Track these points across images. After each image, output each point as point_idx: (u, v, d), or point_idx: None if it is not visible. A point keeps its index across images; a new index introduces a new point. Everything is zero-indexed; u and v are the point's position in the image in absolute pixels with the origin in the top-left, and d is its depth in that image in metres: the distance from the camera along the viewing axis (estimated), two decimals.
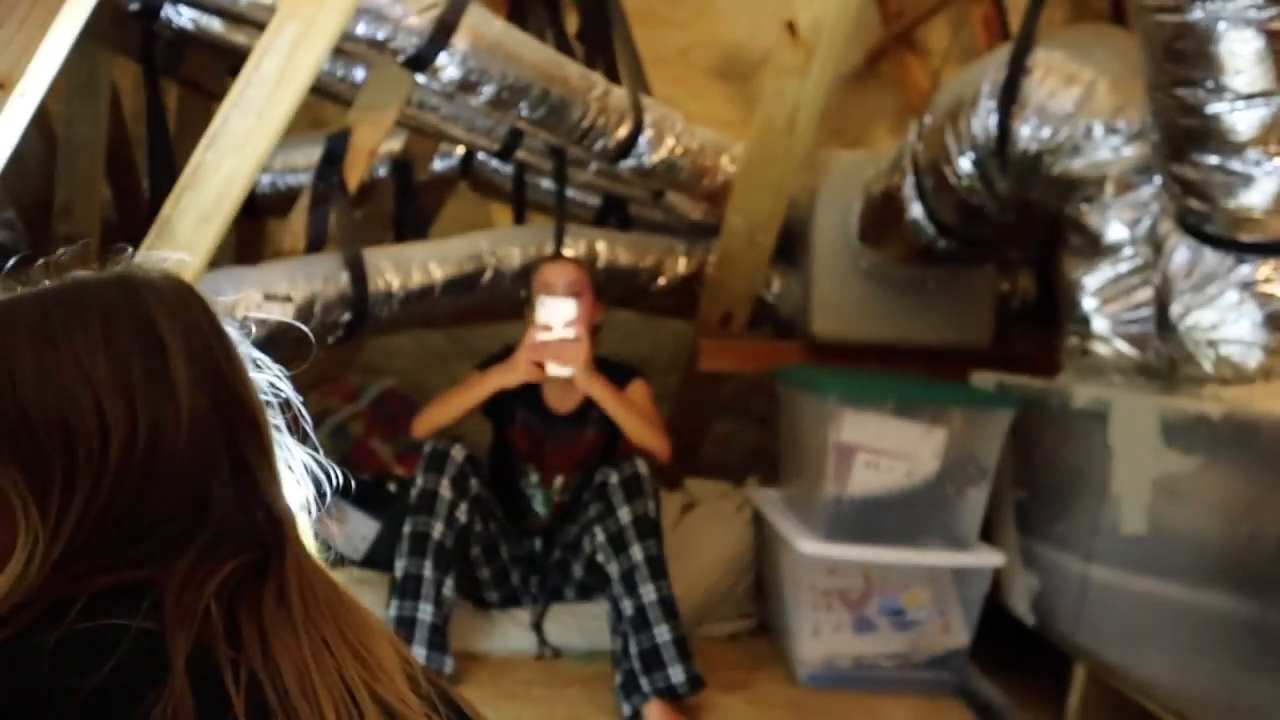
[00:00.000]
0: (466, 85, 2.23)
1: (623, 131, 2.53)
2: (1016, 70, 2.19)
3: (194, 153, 1.76)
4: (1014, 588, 2.18)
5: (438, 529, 2.03)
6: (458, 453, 2.08)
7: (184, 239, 1.75)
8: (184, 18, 2.31)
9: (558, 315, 2.05)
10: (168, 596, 0.60)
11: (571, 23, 2.93)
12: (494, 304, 2.63)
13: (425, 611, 1.98)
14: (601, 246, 2.75)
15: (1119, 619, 1.92)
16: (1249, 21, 1.60)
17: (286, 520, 0.69)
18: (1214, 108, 1.71)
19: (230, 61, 2.66)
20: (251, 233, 3.00)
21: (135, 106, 2.80)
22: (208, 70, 2.68)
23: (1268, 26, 1.59)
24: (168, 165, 2.42)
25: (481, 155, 2.93)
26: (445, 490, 2.05)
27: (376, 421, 2.83)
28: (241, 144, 1.76)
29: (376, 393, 2.88)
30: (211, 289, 1.95)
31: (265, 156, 1.79)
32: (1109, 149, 2.11)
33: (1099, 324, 2.15)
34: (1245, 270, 1.80)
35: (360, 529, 2.51)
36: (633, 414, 2.16)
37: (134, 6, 2.25)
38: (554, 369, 2.11)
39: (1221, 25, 1.63)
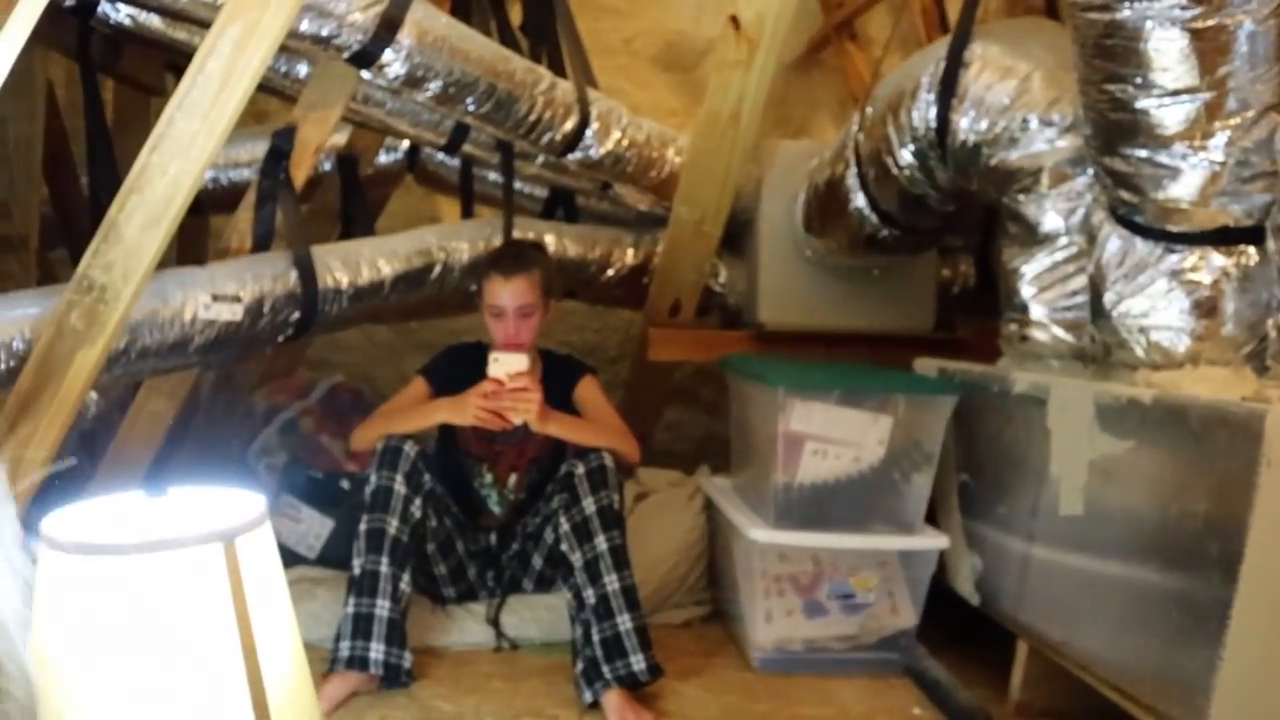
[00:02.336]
0: (412, 81, 2.23)
1: (569, 125, 2.54)
2: (954, 63, 2.24)
3: (139, 155, 1.74)
4: (959, 569, 2.25)
5: (393, 525, 2.04)
6: (411, 449, 2.09)
7: (131, 243, 1.73)
8: (121, 14, 2.28)
9: (508, 370, 2.07)
10: None
11: (516, 14, 2.93)
12: (443, 298, 2.63)
13: (383, 608, 1.99)
14: (550, 239, 2.77)
15: (1059, 597, 1.99)
16: (1174, 20, 1.66)
17: None
18: (1142, 103, 1.77)
19: (168, 56, 2.64)
20: (195, 229, 2.97)
21: (70, 102, 2.75)
22: (145, 66, 2.64)
23: (1191, 25, 1.65)
24: (108, 163, 2.39)
25: (427, 149, 2.93)
26: (400, 486, 2.06)
27: (327, 417, 2.81)
28: (187, 146, 1.74)
29: (326, 389, 2.87)
30: (158, 291, 1.94)
31: (212, 158, 1.77)
32: (1044, 141, 2.17)
33: (1036, 311, 2.22)
34: (1173, 259, 1.87)
35: (314, 527, 2.50)
36: (594, 433, 2.18)
37: (69, 3, 2.21)
38: (506, 421, 2.10)
39: (1149, 24, 1.69)
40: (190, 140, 1.75)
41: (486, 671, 2.07)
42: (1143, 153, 1.82)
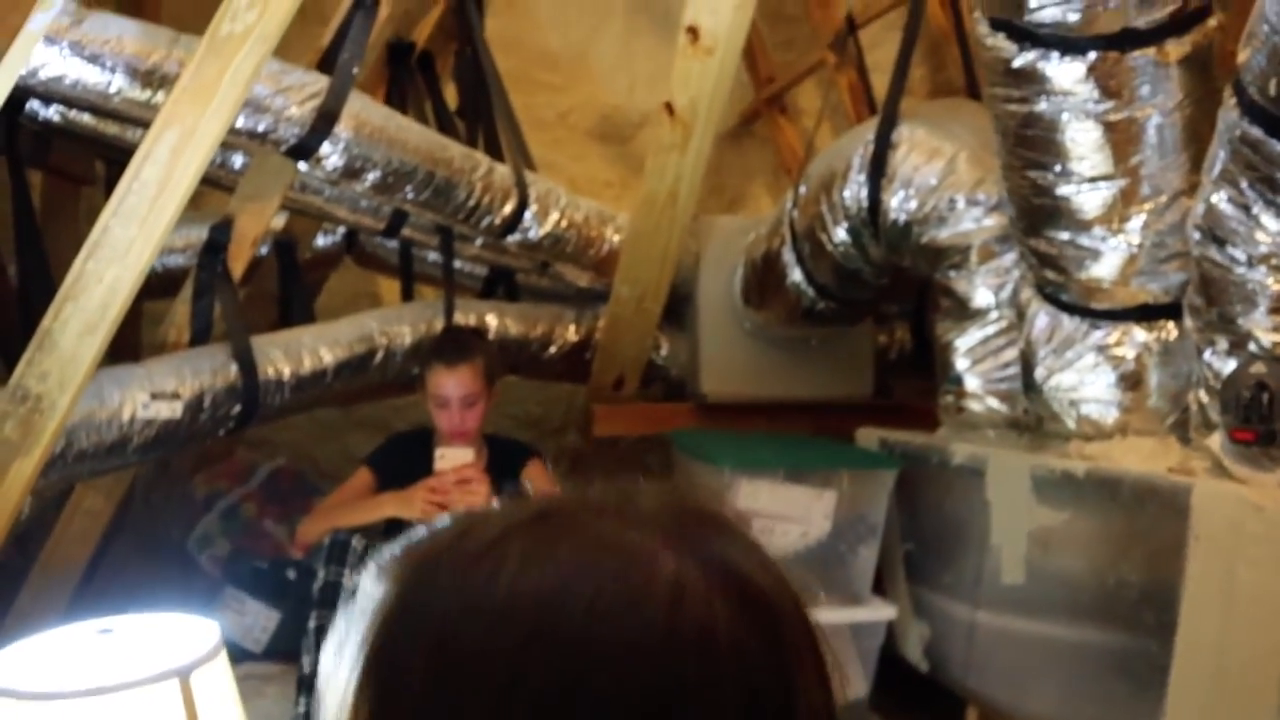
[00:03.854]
0: (350, 172, 2.24)
1: (508, 208, 2.56)
2: (883, 146, 2.31)
3: (74, 263, 1.72)
4: (907, 636, 2.29)
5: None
6: (359, 543, 2.07)
7: (67, 351, 1.70)
8: (50, 110, 2.25)
9: (454, 463, 2.08)
10: None
11: (451, 95, 2.96)
12: (386, 382, 2.62)
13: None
14: (491, 319, 2.78)
15: (1005, 661, 2.03)
16: (1088, 113, 1.75)
17: None
18: (1062, 189, 1.85)
19: (99, 149, 2.61)
20: (129, 315, 2.91)
21: None
22: (75, 158, 2.60)
23: (1104, 118, 1.74)
24: (37, 257, 2.34)
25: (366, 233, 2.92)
26: (348, 582, 2.04)
27: (268, 502, 2.77)
28: (124, 253, 1.73)
29: (267, 473, 2.83)
30: (94, 392, 1.90)
31: (149, 263, 1.76)
32: (971, 219, 2.25)
33: (971, 383, 2.28)
34: (1099, 335, 1.95)
35: (261, 620, 2.46)
36: None
37: None
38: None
39: (1064, 115, 1.77)
40: (127, 247, 1.73)
41: None
42: (1065, 235, 1.90)
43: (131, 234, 1.72)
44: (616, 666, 0.43)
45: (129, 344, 2.51)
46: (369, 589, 0.49)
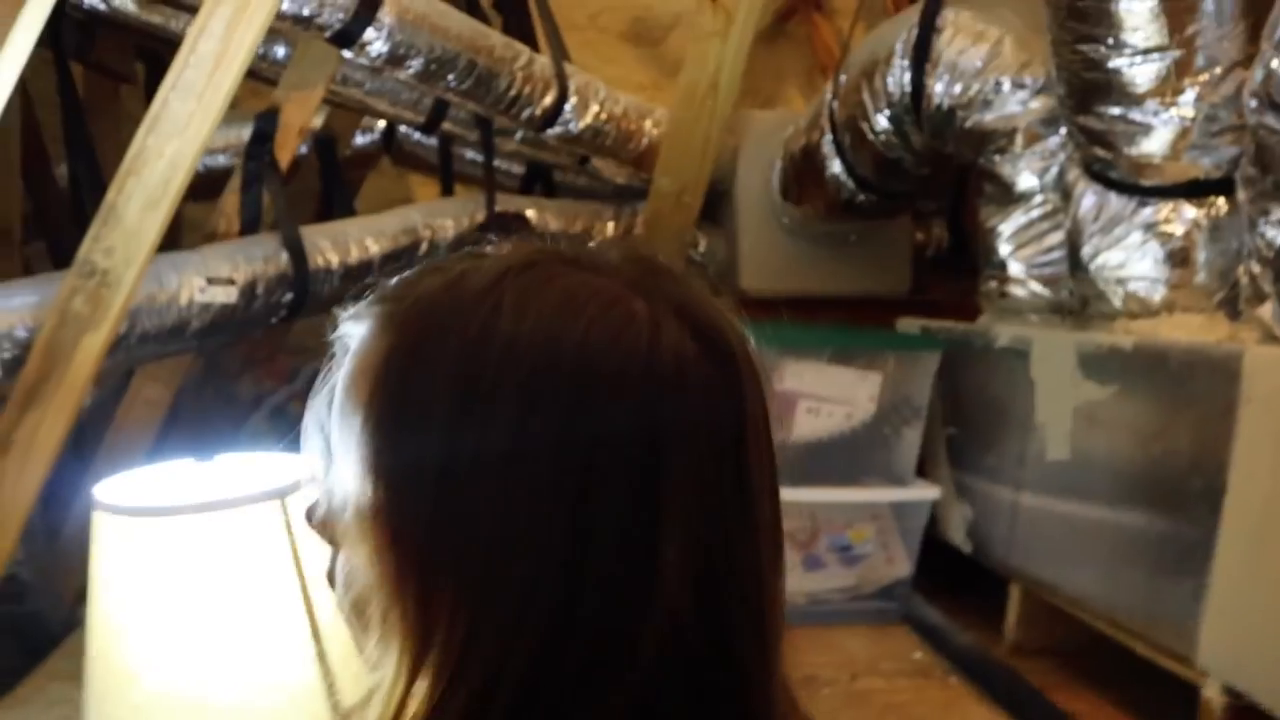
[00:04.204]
0: (394, 59, 2.24)
1: (548, 99, 2.56)
2: (927, 29, 2.29)
3: (135, 138, 1.74)
4: (950, 518, 2.33)
5: None
6: None
7: (131, 226, 1.73)
8: None
9: None
10: None
11: None
12: None
13: None
14: (531, 214, 2.79)
15: (1049, 540, 2.07)
16: None
17: None
18: (1114, 62, 1.84)
19: (140, 42, 2.61)
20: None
21: (39, 93, 2.71)
22: (117, 52, 2.61)
23: None
24: (87, 151, 2.36)
25: (404, 129, 2.93)
26: None
27: None
28: (183, 127, 1.74)
29: (310, 374, 2.86)
30: (153, 276, 1.94)
31: (208, 138, 1.78)
32: (1017, 102, 2.24)
33: (1014, 268, 2.29)
34: (1147, 212, 1.95)
35: None
36: None
37: None
38: None
39: None
40: (186, 121, 1.75)
41: None
42: (1115, 110, 1.89)
43: (190, 108, 1.73)
44: (608, 395, 0.48)
45: (174, 249, 2.54)
46: (356, 334, 0.55)
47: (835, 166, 2.65)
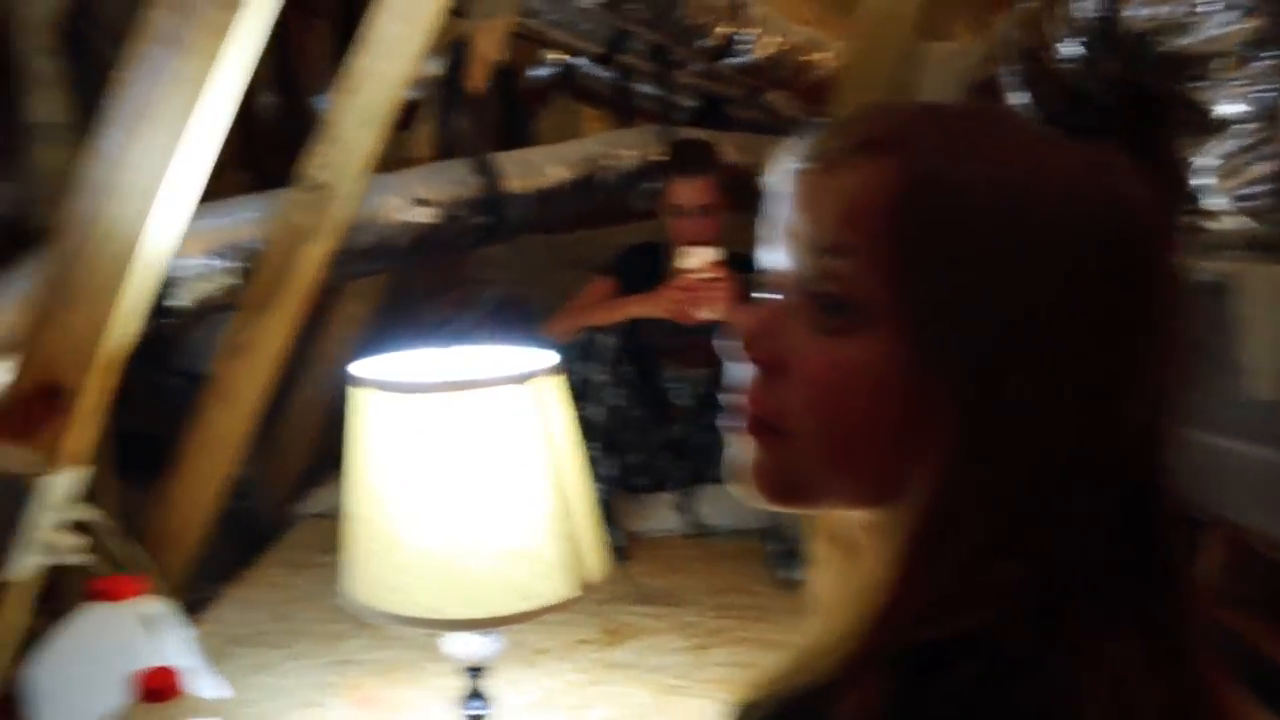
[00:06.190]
0: None
1: (725, 29, 2.57)
2: None
3: (348, 60, 1.83)
4: None
5: (599, 414, 2.14)
6: (611, 340, 2.17)
7: (347, 141, 1.83)
8: None
9: (700, 260, 2.13)
10: None
11: None
12: (608, 207, 2.69)
13: (598, 490, 2.06)
14: None
15: (1252, 484, 2.00)
16: None
17: None
18: None
19: None
20: None
21: None
22: None
23: None
24: (290, 81, 2.50)
25: (580, 64, 2.98)
26: (603, 376, 2.16)
27: (497, 327, 2.93)
28: (394, 49, 1.83)
29: (495, 300, 2.98)
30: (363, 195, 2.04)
31: (418, 60, 1.85)
32: (1220, 24, 2.13)
33: (1215, 201, 2.19)
34: None
35: None
36: None
37: None
38: (700, 312, 2.17)
39: None
40: (396, 43, 1.83)
41: (686, 554, 2.15)
42: None
43: (400, 30, 1.81)
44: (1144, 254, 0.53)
45: None
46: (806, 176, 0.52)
47: (1016, 98, 2.57)
